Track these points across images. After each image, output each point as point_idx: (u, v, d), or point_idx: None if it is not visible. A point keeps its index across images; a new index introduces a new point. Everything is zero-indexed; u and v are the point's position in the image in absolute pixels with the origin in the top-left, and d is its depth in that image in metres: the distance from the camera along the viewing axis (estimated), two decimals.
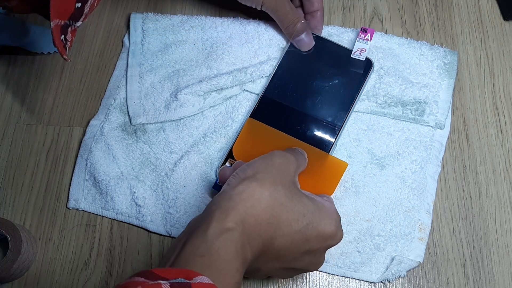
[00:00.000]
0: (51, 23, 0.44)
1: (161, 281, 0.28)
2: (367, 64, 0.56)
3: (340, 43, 0.58)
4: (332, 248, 0.50)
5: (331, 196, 0.49)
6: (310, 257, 0.41)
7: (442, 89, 0.57)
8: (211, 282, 0.30)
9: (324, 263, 0.50)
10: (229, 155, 0.53)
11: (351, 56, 0.56)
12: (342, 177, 0.50)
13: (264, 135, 0.52)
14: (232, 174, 0.40)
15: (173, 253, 0.35)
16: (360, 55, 0.56)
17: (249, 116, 0.54)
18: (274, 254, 0.38)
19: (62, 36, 0.46)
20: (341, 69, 0.56)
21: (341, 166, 0.50)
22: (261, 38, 0.59)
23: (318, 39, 0.58)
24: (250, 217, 0.36)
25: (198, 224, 0.36)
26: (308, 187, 0.46)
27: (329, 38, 0.58)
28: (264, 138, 0.52)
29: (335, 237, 0.41)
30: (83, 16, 0.48)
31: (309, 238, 0.39)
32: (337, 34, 0.59)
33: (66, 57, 0.47)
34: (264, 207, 0.37)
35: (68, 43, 0.48)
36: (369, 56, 0.57)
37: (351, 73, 0.56)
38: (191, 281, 0.29)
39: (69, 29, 0.47)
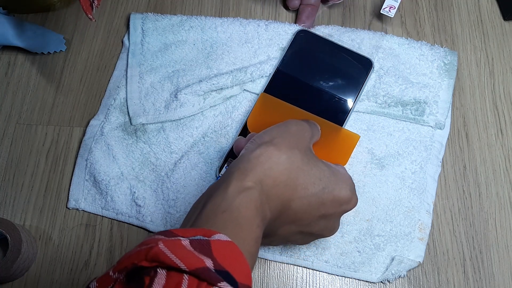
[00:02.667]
0: None
1: (181, 238, 0.29)
2: (367, 64, 0.56)
3: (340, 43, 0.58)
4: (332, 248, 0.51)
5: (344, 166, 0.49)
6: (326, 222, 0.41)
7: (442, 89, 0.57)
8: (229, 239, 0.31)
9: (324, 263, 0.51)
10: (230, 155, 0.54)
11: (380, 12, 0.56)
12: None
13: (277, 109, 0.53)
14: (249, 141, 0.42)
15: (194, 214, 0.36)
16: (389, 11, 0.55)
17: (263, 91, 0.55)
18: (291, 217, 0.39)
19: None
20: (342, 69, 0.56)
21: (353, 138, 0.50)
22: (261, 38, 0.59)
23: (319, 40, 0.57)
24: (268, 178, 0.37)
25: (217, 186, 0.37)
26: (322, 158, 0.46)
27: (329, 38, 0.58)
28: (277, 112, 0.53)
29: (350, 202, 0.42)
30: None
31: (325, 202, 0.40)
32: (337, 34, 0.59)
33: (91, 16, 0.46)
34: (281, 170, 0.38)
35: (96, 1, 0.48)
36: (369, 56, 0.57)
37: (351, 73, 0.56)
38: (209, 238, 0.30)
39: None
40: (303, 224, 0.40)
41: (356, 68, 0.56)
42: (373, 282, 0.51)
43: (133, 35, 0.60)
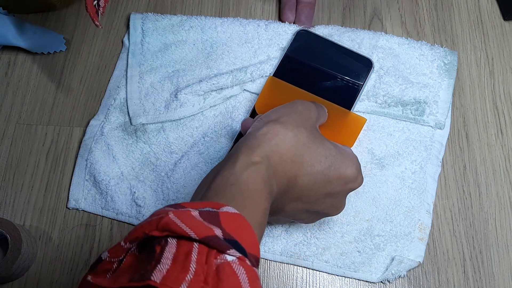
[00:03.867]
0: None
1: (190, 209, 0.30)
2: (367, 64, 0.56)
3: (340, 43, 0.58)
4: (332, 248, 0.51)
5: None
6: (332, 200, 0.42)
7: (442, 89, 0.57)
8: (237, 212, 0.31)
9: (324, 263, 0.51)
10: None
11: None
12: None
13: (285, 92, 0.54)
14: (257, 120, 0.42)
15: (203, 188, 0.37)
16: None
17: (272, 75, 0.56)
18: (298, 193, 0.40)
19: (95, 2, 0.46)
20: (342, 69, 0.56)
21: (360, 121, 0.51)
22: (261, 38, 0.59)
23: (319, 40, 0.57)
24: (275, 154, 0.38)
25: (225, 162, 0.38)
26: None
27: (330, 38, 0.58)
28: (285, 95, 0.53)
29: (356, 180, 0.42)
30: None
31: (331, 179, 0.40)
32: (337, 34, 0.59)
33: (98, 23, 0.47)
34: (288, 147, 0.39)
35: (101, 8, 0.48)
36: (368, 56, 0.57)
37: (351, 73, 0.56)
38: (218, 210, 0.30)
39: None
40: (309, 201, 0.41)
41: (356, 68, 0.56)
42: (373, 282, 0.51)
43: (133, 35, 0.60)
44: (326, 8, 0.63)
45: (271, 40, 0.59)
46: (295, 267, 0.52)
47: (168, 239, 0.28)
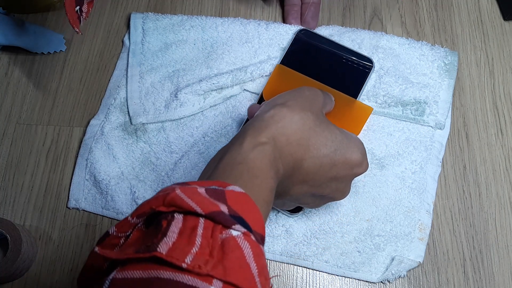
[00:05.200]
0: None
1: (197, 186, 0.30)
2: (368, 63, 0.56)
3: (341, 43, 0.58)
4: (333, 248, 0.51)
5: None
6: (337, 184, 0.42)
7: (442, 89, 0.57)
8: (243, 191, 0.31)
9: (324, 263, 0.51)
10: None
11: None
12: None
13: (293, 80, 0.55)
14: (263, 104, 0.43)
15: (210, 168, 0.37)
16: None
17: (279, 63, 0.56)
18: (303, 176, 0.40)
19: (78, 8, 0.46)
20: (342, 69, 0.56)
21: (366, 110, 0.52)
22: (261, 37, 0.59)
23: (319, 39, 0.57)
24: (281, 136, 0.38)
25: (232, 143, 0.38)
26: None
27: (330, 38, 0.58)
28: (293, 82, 0.54)
29: (361, 165, 0.42)
30: None
31: (336, 163, 0.40)
32: (337, 34, 0.59)
33: (78, 30, 0.47)
34: (294, 129, 0.39)
35: (84, 14, 0.47)
36: (369, 56, 0.57)
37: (351, 72, 0.56)
38: (224, 189, 0.31)
39: (84, 0, 0.47)
40: (314, 185, 0.41)
41: (356, 68, 0.56)
42: (373, 282, 0.51)
43: (133, 35, 0.60)
44: (326, 8, 0.63)
45: (272, 40, 0.59)
46: (295, 267, 0.52)
47: (175, 215, 0.29)
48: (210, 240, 0.28)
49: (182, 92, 0.55)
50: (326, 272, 0.51)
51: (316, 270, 0.51)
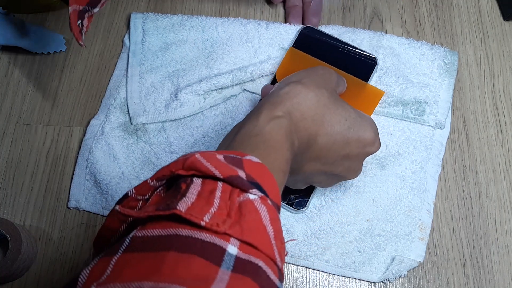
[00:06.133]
0: (70, 8, 0.45)
1: (216, 153, 0.31)
2: (372, 61, 0.56)
3: (344, 40, 0.58)
4: (333, 248, 0.51)
5: None
6: (350, 163, 0.43)
7: (442, 89, 0.57)
8: (260, 161, 0.32)
9: (324, 263, 0.51)
10: None
11: None
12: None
13: (305, 62, 0.55)
14: (279, 83, 0.44)
15: (227, 141, 0.38)
16: None
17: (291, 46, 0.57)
18: (317, 153, 0.40)
19: (79, 21, 0.47)
20: (346, 67, 0.56)
21: (377, 94, 0.52)
22: (262, 37, 0.59)
23: (323, 36, 0.57)
24: (296, 112, 0.39)
25: (248, 117, 0.39)
26: None
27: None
28: (305, 64, 0.54)
29: (374, 144, 0.43)
30: (100, 3, 0.49)
31: (349, 141, 0.41)
32: (337, 34, 0.59)
33: (82, 43, 0.48)
34: (309, 105, 0.40)
35: (85, 28, 0.49)
36: (373, 54, 0.57)
37: (357, 67, 0.56)
38: (242, 158, 0.31)
39: (86, 14, 0.48)
40: (327, 162, 0.41)
41: (360, 66, 0.56)
42: (373, 282, 0.51)
43: (133, 35, 0.60)
44: (326, 8, 0.63)
45: (272, 39, 0.59)
46: (295, 267, 0.52)
47: (194, 179, 0.29)
48: (228, 202, 0.28)
49: (182, 92, 0.55)
50: (326, 272, 0.51)
51: (317, 270, 0.51)
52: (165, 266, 0.24)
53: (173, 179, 0.31)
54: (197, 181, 0.29)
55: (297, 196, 0.52)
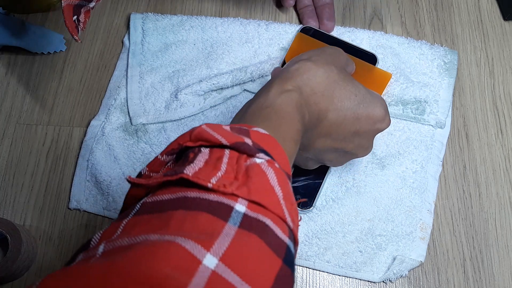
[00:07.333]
0: (62, 2, 0.45)
1: (222, 125, 0.32)
2: (372, 60, 0.56)
3: (344, 39, 0.58)
4: (334, 248, 0.51)
5: None
6: (360, 139, 0.43)
7: (442, 88, 0.57)
8: (268, 133, 0.32)
9: (326, 263, 0.51)
10: None
11: None
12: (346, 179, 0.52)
13: (313, 46, 0.55)
14: (289, 61, 0.44)
15: (238, 116, 0.39)
16: None
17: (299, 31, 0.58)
18: (327, 128, 0.41)
19: (75, 17, 0.47)
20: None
21: (386, 76, 0.52)
22: (261, 38, 0.59)
23: (323, 36, 0.58)
24: (307, 87, 0.40)
25: (259, 93, 0.40)
26: None
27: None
28: (313, 48, 0.55)
29: (384, 120, 0.43)
30: None
31: (359, 117, 0.41)
32: (337, 34, 0.59)
33: (77, 38, 0.48)
34: (319, 81, 0.40)
35: (81, 24, 0.48)
36: (373, 52, 0.57)
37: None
38: (249, 129, 0.32)
39: (82, 9, 0.48)
40: (338, 138, 0.42)
41: (365, 57, 0.56)
42: (374, 282, 0.51)
43: (133, 35, 0.60)
44: None
45: (272, 40, 0.59)
46: (295, 267, 0.52)
47: (201, 148, 0.30)
48: (235, 166, 0.29)
49: (182, 92, 0.55)
50: (327, 272, 0.51)
51: (318, 270, 0.51)
52: (173, 222, 0.25)
53: (182, 153, 0.31)
54: (205, 151, 0.30)
55: (303, 196, 0.52)
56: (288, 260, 0.27)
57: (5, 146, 0.56)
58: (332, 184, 0.53)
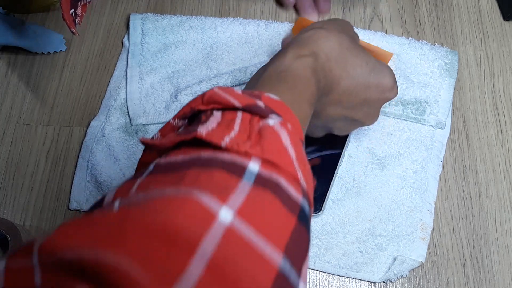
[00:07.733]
0: None
1: (234, 88, 0.32)
2: None
3: None
4: (335, 248, 0.51)
5: None
6: (368, 108, 0.44)
7: (443, 89, 0.57)
8: (279, 99, 0.32)
9: (326, 263, 0.51)
10: None
11: None
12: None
13: None
14: (300, 31, 0.44)
15: (253, 81, 0.39)
16: None
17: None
18: (339, 96, 0.41)
19: (72, 10, 0.47)
20: None
21: (387, 55, 0.52)
22: (261, 38, 0.59)
23: None
24: (321, 52, 0.40)
25: (274, 58, 0.40)
26: None
27: None
28: None
29: (393, 90, 0.43)
30: None
31: (370, 85, 0.42)
32: None
33: (75, 31, 0.48)
34: (332, 47, 0.40)
35: (78, 17, 0.49)
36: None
37: None
38: (261, 94, 0.32)
39: (79, 3, 0.48)
40: (348, 107, 0.42)
41: None
42: (374, 282, 0.51)
43: (133, 36, 0.60)
44: None
45: (272, 40, 0.59)
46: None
47: (214, 111, 0.30)
48: (247, 127, 0.29)
49: (182, 93, 0.55)
50: (328, 273, 0.51)
51: (318, 271, 0.51)
52: (187, 178, 0.25)
53: (194, 117, 0.32)
54: (217, 113, 0.30)
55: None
56: (303, 218, 0.27)
57: (5, 146, 0.56)
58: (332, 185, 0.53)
